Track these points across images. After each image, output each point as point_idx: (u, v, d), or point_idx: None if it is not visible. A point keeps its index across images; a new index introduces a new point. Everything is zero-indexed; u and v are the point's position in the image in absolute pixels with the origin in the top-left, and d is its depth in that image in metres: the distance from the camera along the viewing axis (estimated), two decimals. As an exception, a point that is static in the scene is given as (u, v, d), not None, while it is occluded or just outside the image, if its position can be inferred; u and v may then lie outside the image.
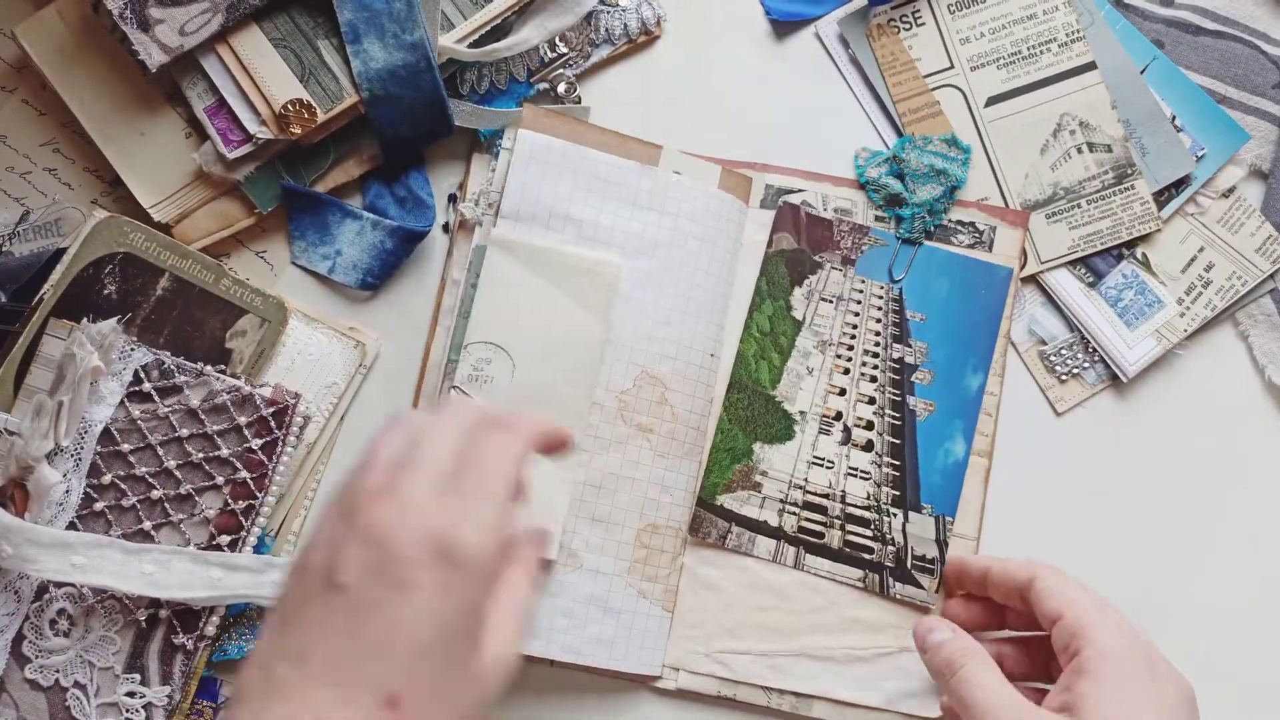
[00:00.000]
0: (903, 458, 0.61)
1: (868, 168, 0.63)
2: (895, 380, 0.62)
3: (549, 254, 0.59)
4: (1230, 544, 0.63)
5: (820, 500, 0.61)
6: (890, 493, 0.61)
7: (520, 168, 0.60)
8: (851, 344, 0.62)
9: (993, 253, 0.63)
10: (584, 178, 0.60)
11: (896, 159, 0.63)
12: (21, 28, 0.60)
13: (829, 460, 0.61)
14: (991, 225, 0.63)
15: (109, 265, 0.58)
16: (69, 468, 0.56)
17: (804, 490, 0.61)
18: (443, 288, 0.62)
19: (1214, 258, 0.64)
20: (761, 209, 0.63)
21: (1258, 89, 0.65)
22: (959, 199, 0.63)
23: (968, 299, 0.62)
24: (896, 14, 0.64)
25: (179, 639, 0.56)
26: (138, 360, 0.57)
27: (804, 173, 0.64)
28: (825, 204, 0.63)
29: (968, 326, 0.62)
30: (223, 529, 0.57)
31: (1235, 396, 0.64)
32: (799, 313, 0.62)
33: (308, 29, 0.60)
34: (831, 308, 0.62)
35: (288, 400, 0.58)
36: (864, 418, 0.61)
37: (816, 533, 0.61)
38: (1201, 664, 0.59)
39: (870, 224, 0.63)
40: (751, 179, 0.63)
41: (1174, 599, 0.62)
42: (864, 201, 0.63)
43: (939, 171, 0.62)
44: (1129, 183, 0.63)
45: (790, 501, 0.61)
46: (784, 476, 0.61)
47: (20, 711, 0.55)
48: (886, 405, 0.62)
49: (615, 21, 0.64)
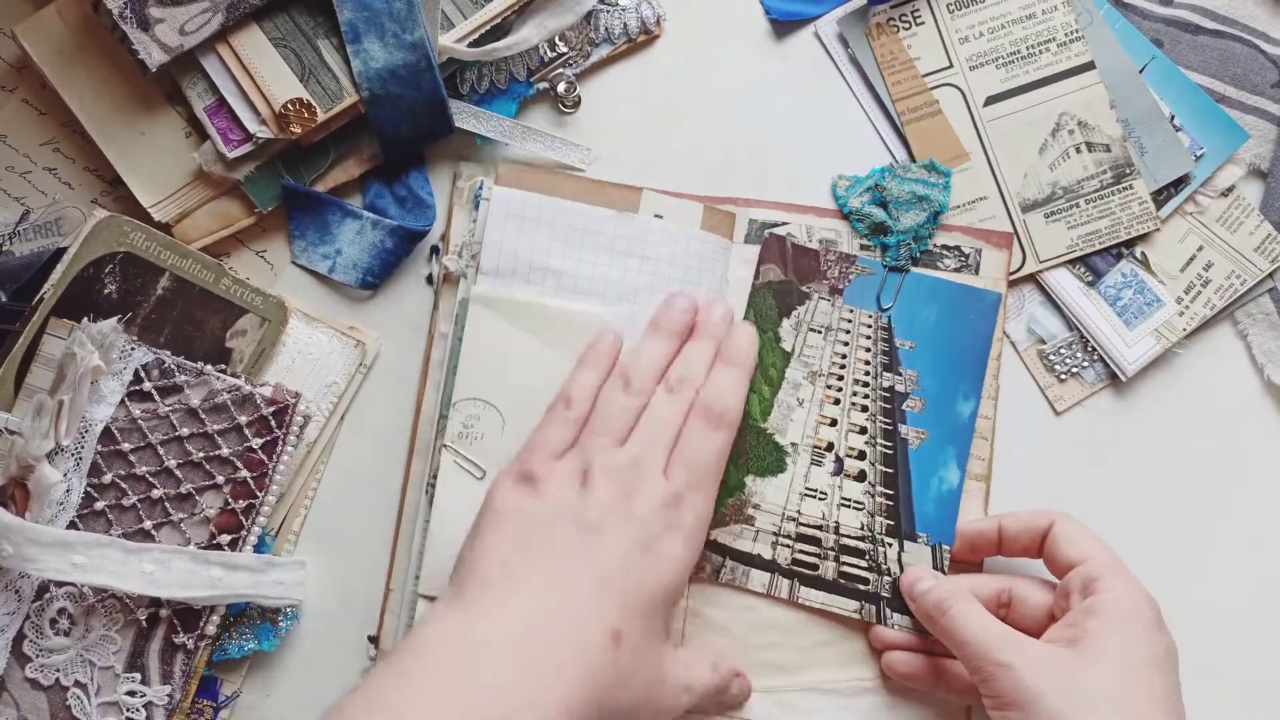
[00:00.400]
0: (896, 487, 0.61)
1: (849, 197, 0.63)
2: (886, 409, 0.61)
3: (531, 308, 0.59)
4: (1230, 543, 0.63)
5: (814, 532, 0.60)
6: (884, 522, 0.60)
7: (497, 225, 0.60)
8: (841, 374, 0.62)
9: (980, 275, 0.63)
10: (561, 229, 0.60)
11: (878, 187, 0.62)
12: (21, 27, 0.60)
13: (821, 491, 0.61)
14: (976, 248, 0.63)
15: (109, 265, 0.58)
16: (69, 467, 0.56)
17: (797, 522, 0.60)
18: (431, 341, 0.62)
19: (1213, 257, 0.64)
20: (746, 244, 0.63)
21: (1257, 88, 0.65)
22: (943, 223, 0.63)
23: (957, 325, 0.62)
24: (895, 13, 0.64)
25: (179, 638, 0.56)
26: (138, 359, 0.57)
27: (788, 205, 0.63)
28: (810, 235, 0.63)
29: (957, 353, 0.62)
30: (223, 528, 0.57)
31: (1234, 395, 0.64)
32: (788, 344, 0.62)
33: (308, 28, 0.60)
34: (820, 338, 0.62)
35: (288, 399, 0.58)
36: (855, 447, 0.61)
37: (811, 565, 0.60)
38: (1201, 664, 0.59)
39: (856, 252, 0.63)
40: (735, 214, 0.63)
41: (1173, 598, 0.62)
42: (848, 231, 0.63)
43: (921, 198, 0.62)
44: (1127, 182, 0.63)
45: (783, 534, 0.60)
46: (776, 509, 0.61)
47: (21, 711, 0.55)
48: (878, 434, 0.61)
49: (615, 21, 0.64)
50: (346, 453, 0.61)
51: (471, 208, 0.62)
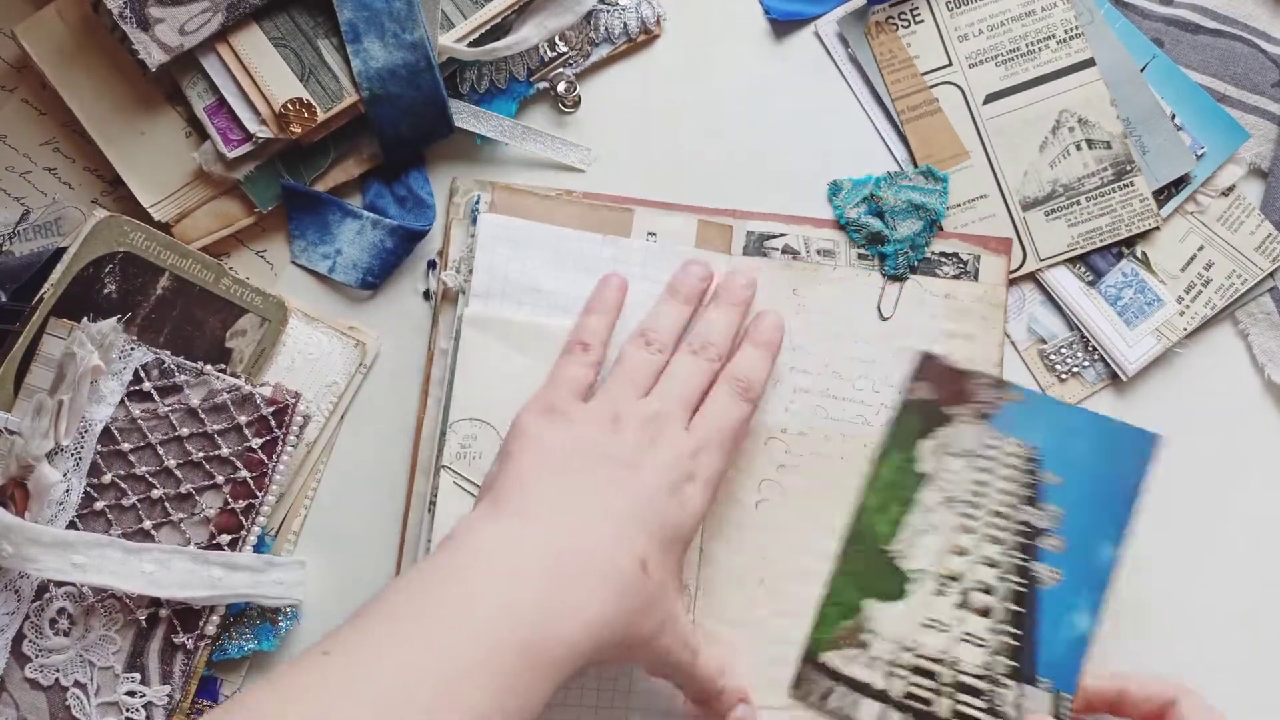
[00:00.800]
0: (1023, 627, 0.58)
1: (846, 208, 0.63)
2: (1022, 544, 0.58)
3: (524, 327, 0.59)
4: (1231, 544, 0.63)
5: (931, 665, 0.58)
6: (1006, 663, 0.57)
7: (486, 249, 0.60)
8: (978, 502, 0.59)
9: (979, 281, 0.62)
10: (549, 252, 0.61)
11: (875, 197, 0.62)
12: (21, 27, 0.60)
13: (943, 623, 0.58)
14: (975, 254, 0.63)
15: (109, 265, 0.58)
16: (69, 467, 0.56)
17: (914, 653, 0.58)
18: (430, 358, 0.61)
19: (1214, 256, 0.64)
20: (745, 255, 0.62)
21: (1257, 87, 0.65)
22: (960, 216, 0.63)
23: (1108, 464, 0.59)
24: (895, 12, 0.64)
25: (179, 638, 0.56)
26: (138, 359, 0.57)
27: (785, 217, 0.63)
28: (808, 246, 0.62)
29: (1105, 493, 0.58)
30: (223, 528, 0.57)
31: (1235, 395, 0.64)
32: (926, 466, 0.60)
33: (308, 28, 0.60)
34: (961, 463, 0.60)
35: (288, 399, 0.58)
36: (984, 581, 0.58)
37: (924, 699, 0.58)
38: (1202, 664, 0.59)
39: (1003, 381, 0.60)
40: (732, 226, 0.62)
41: (1174, 598, 0.62)
42: (845, 242, 0.63)
43: (917, 206, 0.62)
44: (1128, 179, 0.63)
45: (898, 664, 0.58)
46: (894, 637, 0.58)
47: (20, 711, 0.55)
48: (1009, 570, 0.58)
49: (615, 20, 0.64)
50: (346, 453, 0.61)
51: (469, 222, 0.61)
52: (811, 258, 0.63)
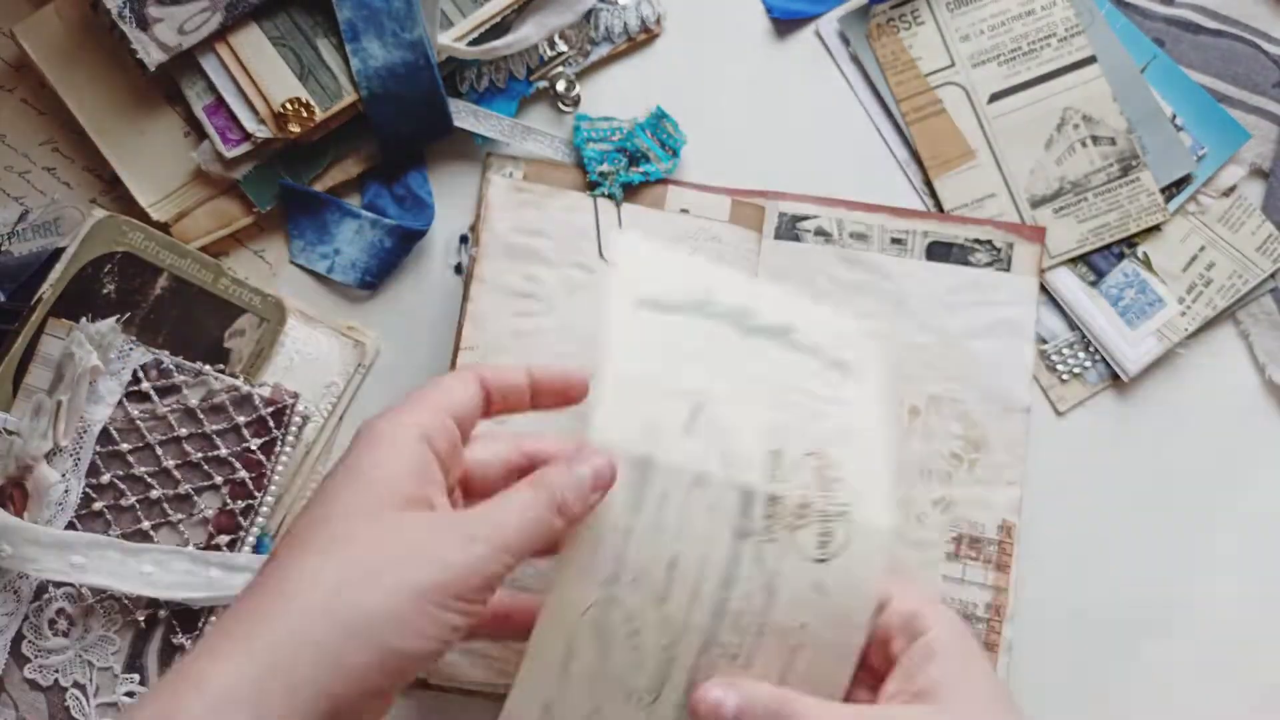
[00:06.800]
0: None
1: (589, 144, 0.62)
2: None
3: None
4: (1232, 544, 0.63)
5: None
6: None
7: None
8: None
9: (1011, 270, 0.62)
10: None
11: (624, 150, 0.62)
12: (20, 27, 0.60)
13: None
14: (1009, 242, 0.62)
15: (108, 264, 0.58)
16: (68, 467, 0.56)
17: None
18: (460, 332, 0.60)
19: (1215, 257, 0.64)
20: (776, 239, 0.62)
21: (1258, 88, 0.65)
22: (970, 215, 0.62)
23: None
24: (895, 13, 0.64)
25: (178, 639, 0.56)
26: (136, 360, 0.57)
27: (817, 198, 0.62)
28: (841, 229, 0.62)
29: None
30: (221, 529, 0.57)
31: (1236, 395, 0.64)
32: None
33: (306, 27, 0.60)
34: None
35: (286, 400, 0.58)
36: None
37: None
38: (1202, 664, 0.59)
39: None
40: (765, 208, 0.62)
41: (1174, 599, 0.62)
42: (879, 226, 0.62)
43: (637, 158, 0.61)
44: (1135, 174, 0.63)
45: None
46: None
47: (19, 711, 0.55)
48: None
49: (615, 19, 0.64)
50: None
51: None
52: (844, 241, 0.62)
